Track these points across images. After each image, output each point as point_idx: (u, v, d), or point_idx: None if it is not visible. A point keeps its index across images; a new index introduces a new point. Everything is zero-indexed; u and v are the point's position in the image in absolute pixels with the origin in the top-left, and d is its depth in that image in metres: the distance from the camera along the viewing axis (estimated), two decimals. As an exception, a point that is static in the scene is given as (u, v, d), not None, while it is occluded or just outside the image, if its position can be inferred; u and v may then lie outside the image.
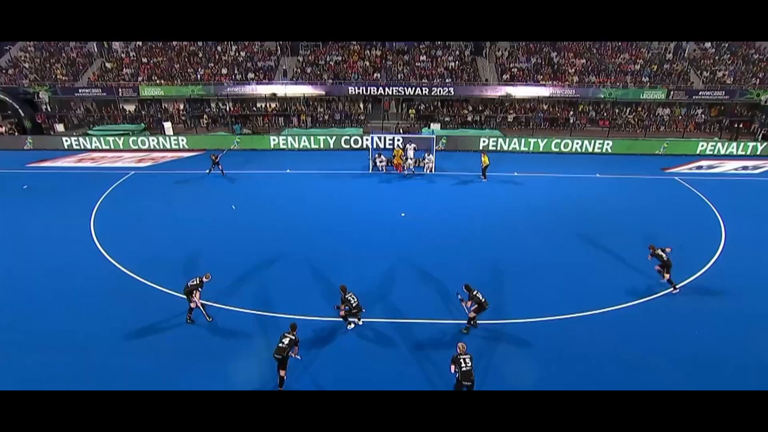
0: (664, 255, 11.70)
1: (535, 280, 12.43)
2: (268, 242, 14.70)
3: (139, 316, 10.89)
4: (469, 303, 9.96)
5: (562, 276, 12.74)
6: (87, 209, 17.57)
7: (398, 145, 24.43)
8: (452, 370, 7.90)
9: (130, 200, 18.76)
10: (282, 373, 8.53)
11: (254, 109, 33.33)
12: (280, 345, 8.50)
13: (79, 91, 32.43)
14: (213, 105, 33.70)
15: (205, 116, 32.34)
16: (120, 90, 32.08)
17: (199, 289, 10.30)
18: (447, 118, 32.33)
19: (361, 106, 33.94)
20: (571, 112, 32.87)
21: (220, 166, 21.56)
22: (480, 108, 33.11)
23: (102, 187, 20.11)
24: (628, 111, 33.49)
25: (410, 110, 32.74)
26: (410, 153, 22.28)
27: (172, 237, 15.19)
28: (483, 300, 9.82)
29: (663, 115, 33.13)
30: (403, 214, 16.90)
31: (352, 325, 10.38)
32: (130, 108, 33.75)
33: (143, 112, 33.57)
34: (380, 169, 22.14)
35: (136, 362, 9.43)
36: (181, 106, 34.02)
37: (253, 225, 16.15)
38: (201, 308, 10.51)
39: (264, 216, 16.98)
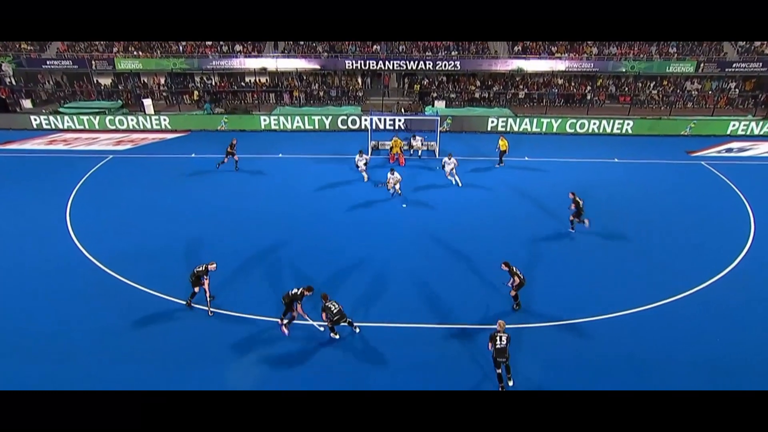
0: (581, 203, 14.41)
1: (553, 280, 12.47)
2: (257, 236, 14.66)
3: (119, 318, 10.95)
4: (511, 281, 10.87)
5: (581, 274, 12.82)
6: (61, 199, 17.45)
7: (396, 137, 22.26)
8: (489, 347, 8.92)
9: (110, 188, 18.62)
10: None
11: (242, 84, 32.85)
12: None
13: (47, 63, 31.82)
14: (197, 79, 33.18)
15: (195, 92, 31.81)
16: (93, 62, 31.48)
17: (205, 276, 10.71)
18: (452, 95, 31.92)
19: (359, 81, 33.45)
20: (589, 88, 32.45)
21: (235, 157, 20.10)
22: (489, 83, 32.67)
23: (77, 173, 19.95)
24: (652, 86, 33.03)
25: (415, 85, 32.26)
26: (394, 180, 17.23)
27: (155, 230, 15.14)
28: (522, 276, 10.85)
29: (691, 90, 32.66)
30: (404, 205, 16.90)
31: (337, 336, 10.27)
32: (106, 82, 33.23)
33: (120, 87, 33.11)
34: (364, 177, 18.92)
35: (118, 369, 9.52)
36: (162, 81, 33.53)
37: (242, 217, 16.10)
38: (207, 298, 10.97)
39: (253, 207, 16.91)
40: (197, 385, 9.10)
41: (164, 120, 26.60)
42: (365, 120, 25.38)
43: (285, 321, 10.31)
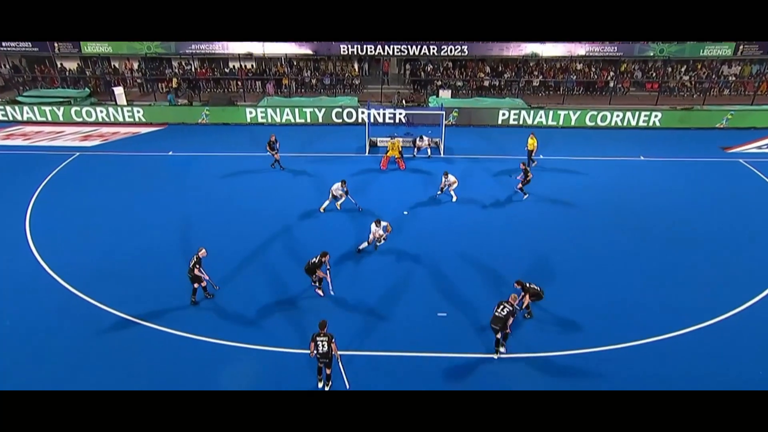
0: (530, 174, 16.96)
1: (578, 300, 12.05)
2: (242, 248, 14.20)
3: (85, 345, 10.48)
4: (527, 298, 11.01)
5: (613, 293, 12.43)
6: (20, 204, 16.87)
7: (393, 137, 21.19)
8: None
9: (76, 191, 18.04)
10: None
11: (226, 71, 32.20)
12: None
13: (3, 44, 30.89)
14: (175, 65, 32.48)
15: (174, 80, 31.08)
16: (56, 44, 30.65)
17: (199, 265, 11.49)
18: (459, 83, 31.38)
19: (356, 67, 32.84)
20: (612, 74, 31.91)
21: (276, 155, 19.70)
22: (500, 69, 32.13)
23: (39, 174, 19.34)
24: (683, 70, 32.52)
25: (417, 72, 31.66)
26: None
27: (128, 240, 14.66)
28: (538, 289, 11.17)
29: (729, 75, 32.13)
30: (405, 212, 16.51)
31: (327, 387, 9.57)
32: (71, 66, 32.44)
33: (87, 73, 32.39)
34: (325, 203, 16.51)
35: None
36: (135, 66, 32.84)
37: (226, 225, 15.58)
38: (207, 281, 11.78)
39: (238, 212, 16.40)
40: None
41: (138, 111, 25.92)
42: (362, 113, 24.78)
43: (315, 284, 12.20)
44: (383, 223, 13.72)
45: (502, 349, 10.38)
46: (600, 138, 24.07)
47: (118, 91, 28.40)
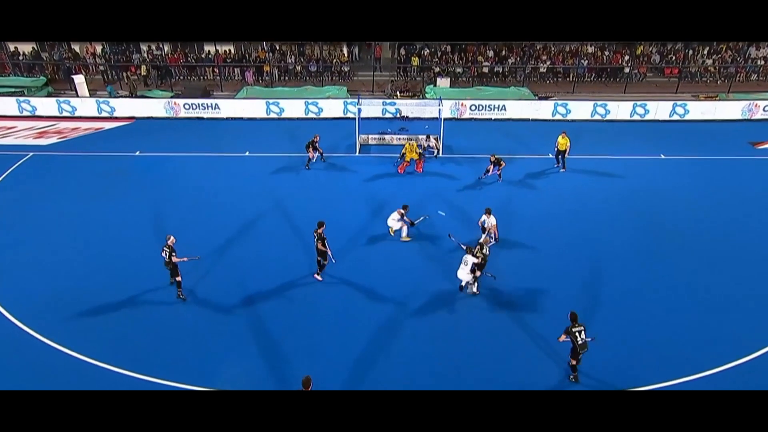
0: (502, 164, 17.92)
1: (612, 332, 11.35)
2: (217, 271, 13.39)
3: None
4: (563, 337, 9.73)
5: (653, 328, 11.70)
6: (-38, 217, 15.93)
7: (408, 141, 20.09)
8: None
9: (28, 199, 17.12)
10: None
11: (201, 56, 31.06)
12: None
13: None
14: (144, 49, 31.27)
15: (143, 67, 29.88)
16: (9, 26, 29.34)
17: (174, 253, 11.73)
18: (459, 69, 30.53)
19: (345, 51, 31.83)
20: (627, 58, 31.16)
21: (312, 154, 19.34)
22: (504, 53, 31.28)
23: (-15, 179, 18.43)
24: (705, 53, 31.81)
25: (412, 58, 30.73)
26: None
27: (87, 259, 13.81)
28: (580, 342, 9.55)
29: (757, 58, 31.50)
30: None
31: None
32: (25, 49, 31.07)
33: (44, 57, 31.07)
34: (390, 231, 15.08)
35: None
36: (98, 50, 31.59)
37: (199, 239, 14.56)
38: (187, 259, 12.03)
39: (213, 226, 15.54)
40: None
41: (102, 104, 24.78)
42: (351, 108, 23.87)
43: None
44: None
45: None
46: (613, 132, 23.39)
47: (79, 79, 27.15)
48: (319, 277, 13.02)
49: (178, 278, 12.09)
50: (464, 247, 12.16)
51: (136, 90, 27.61)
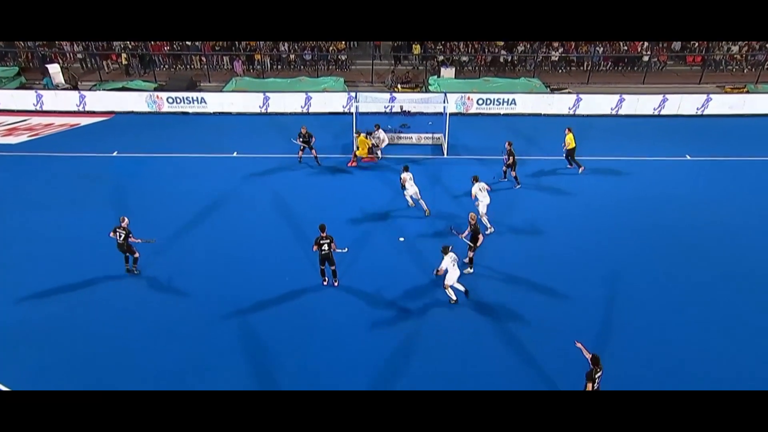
0: (514, 154, 16.93)
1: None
2: (196, 286, 12.99)
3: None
4: (589, 386, 9.15)
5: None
6: None
7: (363, 132, 19.19)
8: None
9: (-9, 210, 16.22)
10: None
11: (187, 44, 29.80)
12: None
13: None
14: (124, 36, 30.00)
15: (123, 55, 28.63)
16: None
17: (130, 234, 12.40)
18: (464, 58, 29.48)
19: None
20: (646, 45, 29.94)
21: (312, 151, 18.76)
22: (512, 41, 30.12)
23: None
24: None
25: (414, 45, 29.63)
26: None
27: (58, 281, 13.06)
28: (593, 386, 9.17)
29: (789, 43, 30.38)
30: (401, 239, 15.14)
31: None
32: (-4, 36, 29.90)
33: (16, 45, 29.65)
34: (409, 202, 16.21)
35: None
36: (77, 36, 30.37)
37: (179, 253, 14.08)
38: (143, 241, 12.66)
39: (193, 236, 14.91)
40: None
41: (78, 96, 23.72)
42: (346, 103, 22.96)
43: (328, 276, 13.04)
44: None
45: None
46: (632, 129, 22.36)
47: (54, 69, 26.12)
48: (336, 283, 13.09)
49: (136, 254, 12.91)
50: (461, 236, 12.80)
51: (76, 81, 26.35)
